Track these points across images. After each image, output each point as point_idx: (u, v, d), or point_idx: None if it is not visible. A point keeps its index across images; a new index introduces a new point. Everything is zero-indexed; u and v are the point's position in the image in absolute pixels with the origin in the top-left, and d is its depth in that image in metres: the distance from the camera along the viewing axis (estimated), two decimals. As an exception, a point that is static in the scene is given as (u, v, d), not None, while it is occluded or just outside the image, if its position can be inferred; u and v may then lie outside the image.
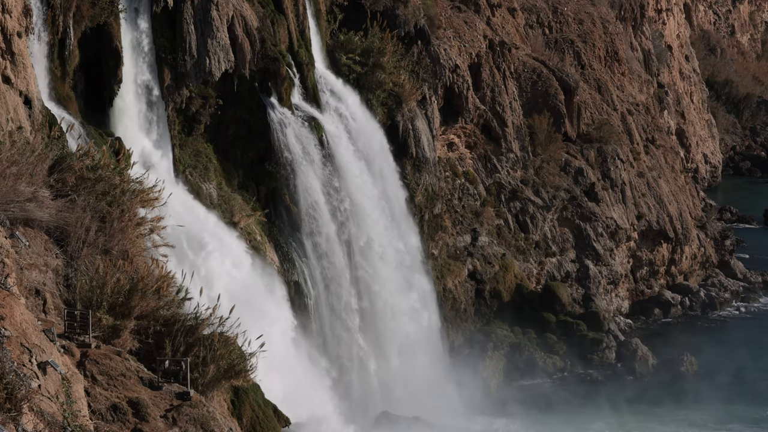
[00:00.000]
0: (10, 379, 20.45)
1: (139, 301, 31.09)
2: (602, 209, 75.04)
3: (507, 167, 72.36)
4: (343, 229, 56.49)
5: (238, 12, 52.94)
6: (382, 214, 59.10)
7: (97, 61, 47.75)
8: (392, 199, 60.54)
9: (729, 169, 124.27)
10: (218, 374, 31.84)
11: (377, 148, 60.48)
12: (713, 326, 76.05)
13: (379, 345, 57.78)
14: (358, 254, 57.14)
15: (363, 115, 60.25)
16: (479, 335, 66.20)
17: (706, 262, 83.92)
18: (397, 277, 59.53)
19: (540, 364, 65.60)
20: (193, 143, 52.89)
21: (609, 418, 59.50)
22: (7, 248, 27.64)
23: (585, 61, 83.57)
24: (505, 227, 70.99)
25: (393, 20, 64.36)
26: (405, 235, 61.07)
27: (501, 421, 57.97)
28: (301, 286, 54.35)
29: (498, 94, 72.30)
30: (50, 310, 30.00)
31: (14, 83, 39.56)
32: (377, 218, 58.62)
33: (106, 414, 27.06)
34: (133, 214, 36.38)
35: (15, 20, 39.90)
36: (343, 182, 56.67)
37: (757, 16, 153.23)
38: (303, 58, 56.65)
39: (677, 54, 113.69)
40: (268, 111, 54.28)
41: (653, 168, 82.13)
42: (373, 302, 57.73)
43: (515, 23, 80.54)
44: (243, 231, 52.33)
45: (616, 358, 67.36)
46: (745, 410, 61.02)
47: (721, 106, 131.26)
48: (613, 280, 74.63)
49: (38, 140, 36.18)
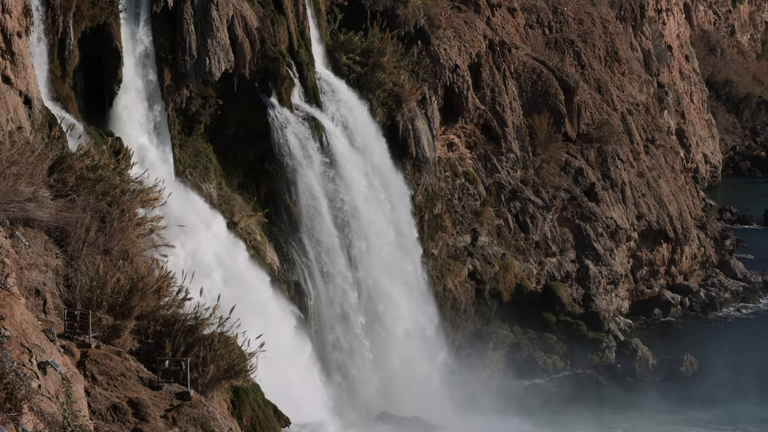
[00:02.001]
0: (10, 379, 20.45)
1: (139, 301, 31.07)
2: (602, 209, 75.04)
3: (507, 167, 72.36)
4: (343, 228, 56.50)
5: (238, 12, 52.93)
6: (382, 213, 59.10)
7: (97, 61, 47.74)
8: (392, 199, 60.54)
9: (729, 169, 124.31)
10: (218, 374, 31.83)
11: (377, 148, 60.49)
12: (713, 326, 76.04)
13: (380, 345, 57.78)
14: (358, 254, 57.13)
15: (363, 115, 60.25)
16: (479, 335, 66.20)
17: (706, 262, 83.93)
18: (397, 276, 59.52)
19: (540, 364, 65.59)
20: (193, 143, 52.88)
21: (609, 418, 59.49)
22: (7, 248, 27.64)
23: (585, 61, 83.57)
24: (505, 227, 70.99)
25: (393, 20, 64.35)
26: (405, 235, 61.07)
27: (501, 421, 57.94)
28: (301, 286, 54.36)
29: (498, 94, 72.30)
30: (50, 310, 29.99)
31: (14, 83, 39.56)
32: (377, 218, 58.61)
33: (106, 414, 27.06)
34: (133, 214, 36.39)
35: (15, 20, 39.90)
36: (342, 182, 56.67)
37: (757, 16, 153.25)
38: (303, 58, 56.65)
39: (677, 54, 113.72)
40: (268, 111, 54.27)
41: (653, 168, 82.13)
42: (374, 302, 57.74)
43: (515, 23, 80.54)
44: (243, 231, 52.34)
45: (616, 358, 67.33)
46: (746, 410, 60.99)
47: (721, 106, 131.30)
48: (613, 280, 74.63)
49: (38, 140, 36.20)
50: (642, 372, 66.21)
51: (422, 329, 61.36)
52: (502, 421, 57.80)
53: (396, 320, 59.15)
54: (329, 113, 57.85)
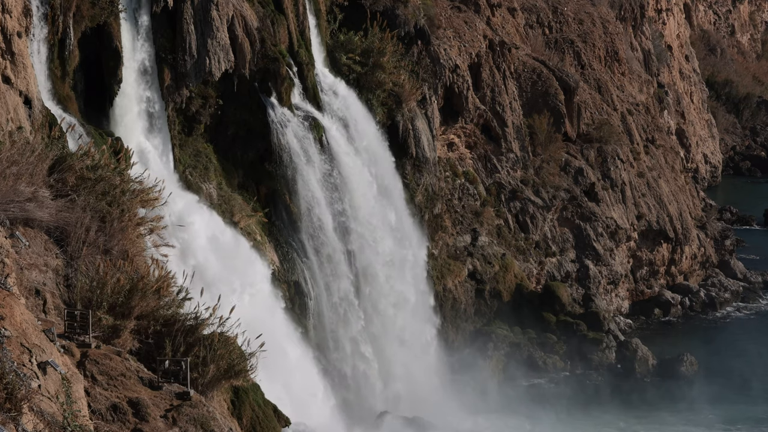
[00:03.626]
0: (10, 379, 20.44)
1: (139, 301, 31.05)
2: (602, 209, 75.04)
3: (507, 167, 72.36)
4: (343, 228, 56.50)
5: (238, 12, 52.93)
6: (382, 213, 59.11)
7: (97, 61, 47.73)
8: (392, 199, 60.55)
9: (729, 169, 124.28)
10: (218, 374, 31.81)
11: (377, 148, 60.50)
12: (713, 326, 76.04)
13: (380, 344, 57.79)
14: (358, 254, 57.14)
15: (363, 115, 60.25)
16: (479, 335, 66.20)
17: (706, 262, 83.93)
18: (397, 276, 59.52)
19: (540, 364, 65.59)
20: (193, 143, 52.88)
21: (609, 418, 59.49)
22: (7, 248, 27.63)
23: (585, 61, 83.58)
24: (505, 227, 70.99)
25: (393, 20, 64.35)
26: (405, 234, 61.07)
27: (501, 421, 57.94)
28: (302, 286, 54.36)
29: (498, 94, 72.30)
30: (50, 310, 29.98)
31: (14, 83, 39.55)
32: (377, 218, 58.61)
33: (106, 414, 27.05)
34: (133, 214, 36.36)
35: (15, 20, 39.89)
36: (342, 182, 56.67)
37: (757, 16, 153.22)
38: (303, 58, 56.65)
39: (677, 54, 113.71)
40: (268, 111, 54.27)
41: (653, 168, 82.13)
42: (374, 302, 57.75)
43: (515, 23, 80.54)
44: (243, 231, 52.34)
45: (616, 358, 67.34)
46: (746, 410, 61.02)
47: (721, 106, 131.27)
48: (613, 280, 74.63)
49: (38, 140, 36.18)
50: (642, 372, 66.21)
51: (422, 329, 61.36)
52: (502, 421, 57.81)
53: (396, 320, 59.16)
54: (329, 113, 57.85)
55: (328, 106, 58.05)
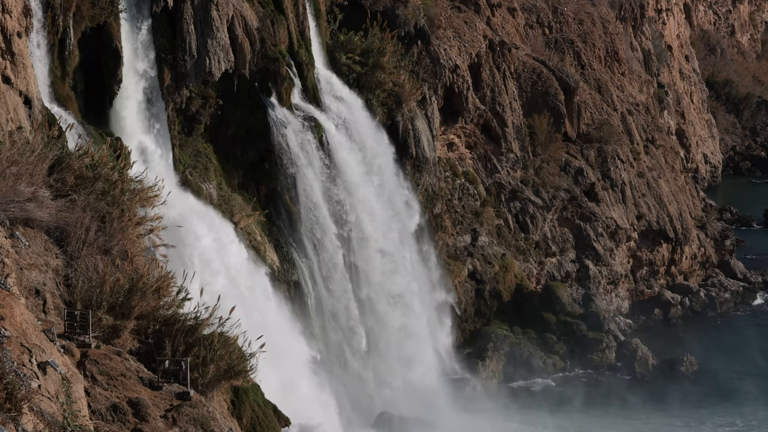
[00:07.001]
0: (10, 379, 20.43)
1: (139, 301, 31.03)
2: (602, 209, 75.04)
3: (507, 167, 72.35)
4: (343, 228, 56.50)
5: (238, 12, 52.93)
6: (382, 213, 59.10)
7: (97, 61, 47.73)
8: (392, 199, 60.54)
9: (729, 169, 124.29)
10: (218, 374, 31.79)
11: (377, 148, 60.49)
12: (713, 326, 76.01)
13: (380, 345, 57.79)
14: (359, 253, 57.14)
15: (363, 115, 60.25)
16: (479, 335, 66.18)
17: (706, 262, 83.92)
18: (397, 276, 59.51)
19: (540, 364, 65.57)
20: (193, 143, 52.89)
21: (609, 418, 59.48)
22: (7, 248, 27.63)
23: (585, 61, 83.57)
24: (505, 227, 70.99)
25: (393, 20, 64.35)
26: (405, 233, 61.07)
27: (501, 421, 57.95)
28: (301, 286, 54.36)
29: (498, 94, 72.30)
30: (50, 310, 29.97)
31: (14, 83, 39.55)
32: (377, 218, 58.60)
33: (106, 414, 27.04)
34: (132, 213, 36.34)
35: (15, 20, 39.89)
36: (342, 182, 56.68)
37: (757, 16, 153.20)
38: (303, 58, 56.65)
39: (677, 54, 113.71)
40: (268, 111, 54.28)
41: (653, 168, 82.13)
42: (374, 302, 57.75)
43: (515, 23, 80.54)
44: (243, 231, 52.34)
45: (616, 358, 67.33)
46: (746, 410, 61.00)
47: (721, 106, 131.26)
48: (613, 280, 74.61)
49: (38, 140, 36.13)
50: (642, 372, 66.20)
51: (422, 329, 61.34)
52: (502, 421, 57.81)
53: (396, 319, 59.16)
54: (329, 113, 57.85)
55: (328, 106, 58.05)
